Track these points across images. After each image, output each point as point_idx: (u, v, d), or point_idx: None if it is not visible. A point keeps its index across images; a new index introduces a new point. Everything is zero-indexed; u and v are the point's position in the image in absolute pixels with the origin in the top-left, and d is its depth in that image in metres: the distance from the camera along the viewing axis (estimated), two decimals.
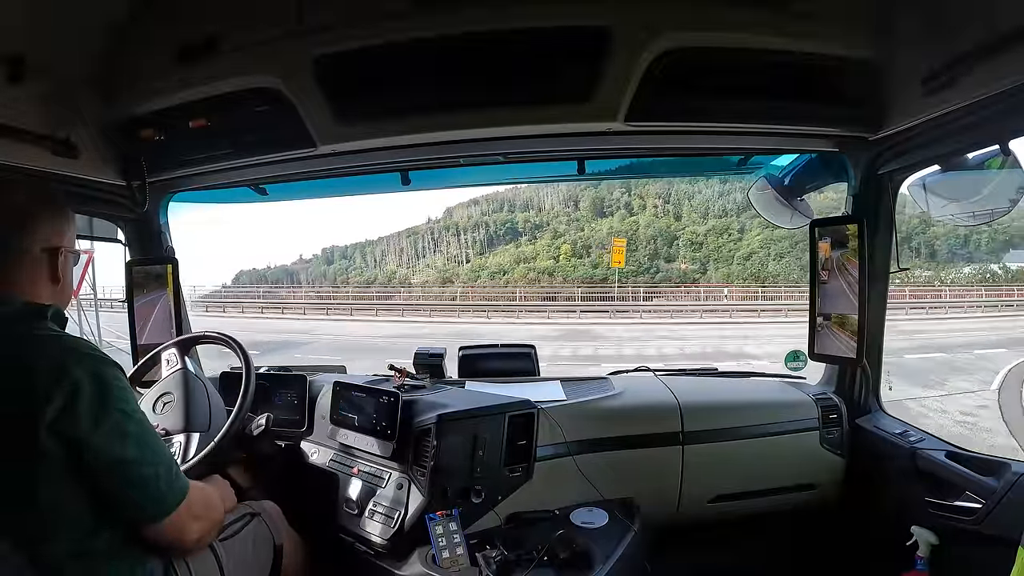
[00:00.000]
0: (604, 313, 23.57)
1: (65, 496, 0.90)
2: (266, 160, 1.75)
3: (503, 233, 40.91)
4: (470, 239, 41.37)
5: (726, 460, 1.78)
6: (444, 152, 1.72)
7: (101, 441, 0.89)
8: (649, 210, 38.65)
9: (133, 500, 0.94)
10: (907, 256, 26.87)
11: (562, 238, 38.51)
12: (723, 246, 34.94)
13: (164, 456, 1.00)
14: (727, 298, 26.63)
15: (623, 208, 39.23)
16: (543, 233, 39.74)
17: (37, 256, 1.02)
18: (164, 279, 2.07)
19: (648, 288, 30.88)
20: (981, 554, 1.36)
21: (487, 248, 40.74)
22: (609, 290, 28.73)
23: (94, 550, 0.93)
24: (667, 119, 1.52)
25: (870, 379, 1.85)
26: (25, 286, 0.99)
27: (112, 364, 0.96)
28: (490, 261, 39.12)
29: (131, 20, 1.51)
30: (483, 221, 41.71)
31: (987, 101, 1.20)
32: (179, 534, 1.01)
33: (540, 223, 40.70)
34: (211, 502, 1.12)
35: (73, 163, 1.56)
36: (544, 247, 38.17)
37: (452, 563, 1.35)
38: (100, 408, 0.90)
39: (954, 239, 29.75)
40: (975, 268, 28.78)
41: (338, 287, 37.27)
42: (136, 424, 0.96)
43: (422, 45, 1.39)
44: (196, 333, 1.80)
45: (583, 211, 40.34)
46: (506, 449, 1.57)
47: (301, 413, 1.84)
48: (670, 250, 35.91)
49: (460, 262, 40.74)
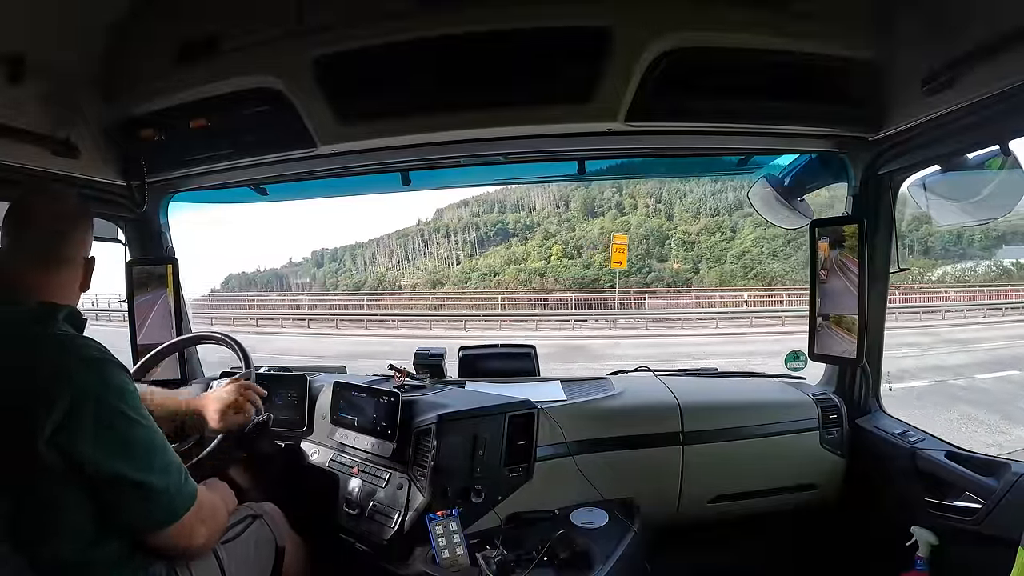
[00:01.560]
0: (603, 321, 20.34)
1: (66, 504, 0.89)
2: (266, 160, 1.75)
3: (493, 234, 40.61)
4: (460, 240, 41.05)
5: (726, 460, 1.78)
6: (444, 152, 1.72)
7: (101, 454, 0.88)
8: (640, 210, 38.28)
9: (141, 508, 0.93)
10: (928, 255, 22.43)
11: (553, 239, 38.12)
12: (715, 245, 34.43)
13: (173, 461, 0.99)
14: (747, 303, 22.72)
15: (614, 208, 38.86)
16: (534, 234, 39.36)
17: (79, 264, 1.05)
18: (164, 279, 2.07)
19: (650, 291, 29.27)
20: (981, 554, 1.36)
21: (478, 249, 40.39)
22: (607, 295, 26.82)
23: (96, 557, 0.92)
24: (667, 119, 1.51)
25: (870, 379, 1.85)
26: (57, 291, 1.00)
27: (120, 367, 0.96)
28: (480, 263, 38.74)
29: (131, 20, 1.51)
30: (473, 222, 41.40)
31: (987, 101, 1.20)
32: (187, 539, 1.01)
33: (531, 224, 40.37)
34: (216, 505, 1.12)
35: (73, 163, 1.56)
36: (535, 248, 37.79)
37: (452, 563, 1.35)
38: (102, 418, 0.89)
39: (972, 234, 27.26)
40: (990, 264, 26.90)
41: (327, 291, 37.08)
42: (143, 430, 0.95)
43: (423, 45, 1.39)
44: (196, 333, 1.80)
45: (574, 211, 39.95)
46: (506, 449, 1.57)
47: (301, 413, 1.84)
48: (662, 249, 35.38)
49: (450, 264, 40.45)
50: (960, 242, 28.10)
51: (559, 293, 28.32)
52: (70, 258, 1.03)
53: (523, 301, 27.27)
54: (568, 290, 29.31)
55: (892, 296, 15.74)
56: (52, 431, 0.85)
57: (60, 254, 1.02)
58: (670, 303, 24.75)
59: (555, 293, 28.70)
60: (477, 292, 31.40)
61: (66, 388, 0.87)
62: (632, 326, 19.74)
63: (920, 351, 11.42)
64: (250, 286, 41.82)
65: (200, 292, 29.58)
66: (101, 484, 0.89)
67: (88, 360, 0.92)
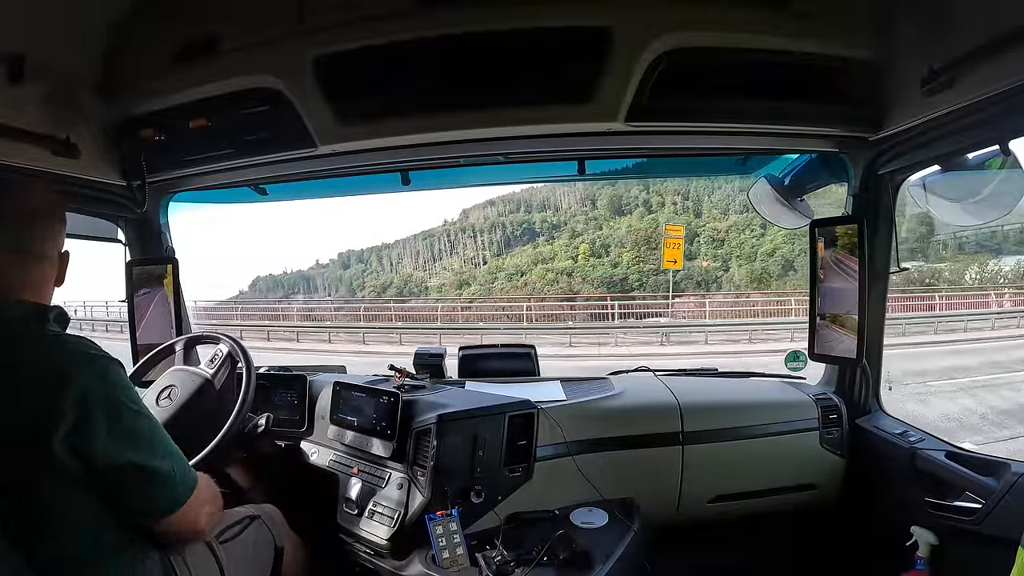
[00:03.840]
0: (652, 333, 16.29)
1: (72, 500, 0.89)
2: (266, 160, 1.75)
3: (520, 234, 40.53)
4: (487, 240, 41.01)
5: (726, 460, 1.78)
6: (444, 152, 1.72)
7: (115, 448, 0.89)
8: (668, 207, 37.80)
9: (148, 497, 0.95)
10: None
11: (580, 237, 37.89)
12: (745, 242, 33.68)
13: (173, 448, 1.01)
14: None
15: (641, 206, 38.39)
16: (561, 233, 39.10)
17: (53, 259, 1.03)
18: (164, 279, 2.07)
19: (709, 295, 26.13)
20: (981, 554, 1.36)
21: (504, 249, 40.34)
22: (656, 299, 22.80)
23: (96, 550, 0.93)
24: (667, 119, 1.51)
25: (870, 379, 1.85)
26: (34, 289, 0.99)
27: (117, 363, 0.96)
28: (507, 262, 38.61)
29: (131, 20, 1.51)
30: (500, 222, 41.31)
31: (987, 101, 1.20)
32: (192, 523, 1.03)
33: (557, 223, 40.12)
34: (214, 489, 1.14)
35: (73, 163, 1.56)
36: (562, 247, 37.56)
37: (452, 563, 1.35)
38: (112, 414, 0.90)
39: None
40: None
41: (354, 292, 36.74)
42: (146, 420, 0.96)
43: (423, 45, 1.39)
44: (196, 333, 1.80)
45: (601, 210, 39.58)
46: (506, 449, 1.57)
47: (301, 413, 1.84)
48: (690, 247, 34.68)
49: (477, 264, 40.39)
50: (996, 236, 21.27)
51: (598, 300, 24.97)
52: (43, 252, 1.01)
53: (554, 308, 24.25)
54: (608, 293, 27.19)
55: (932, 301, 13.93)
56: (66, 432, 0.85)
57: (35, 248, 1.00)
58: (731, 308, 20.74)
59: (589, 296, 26.29)
60: (503, 292, 30.74)
61: (71, 388, 0.87)
62: (687, 338, 15.76)
63: (969, 379, 8.56)
64: (277, 288, 41.72)
65: (225, 294, 28.18)
66: (112, 476, 0.90)
67: (87, 358, 0.92)
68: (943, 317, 14.93)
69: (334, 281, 43.67)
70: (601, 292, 28.08)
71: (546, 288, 31.63)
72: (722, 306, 22.29)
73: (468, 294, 33.15)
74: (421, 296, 34.84)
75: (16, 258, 0.98)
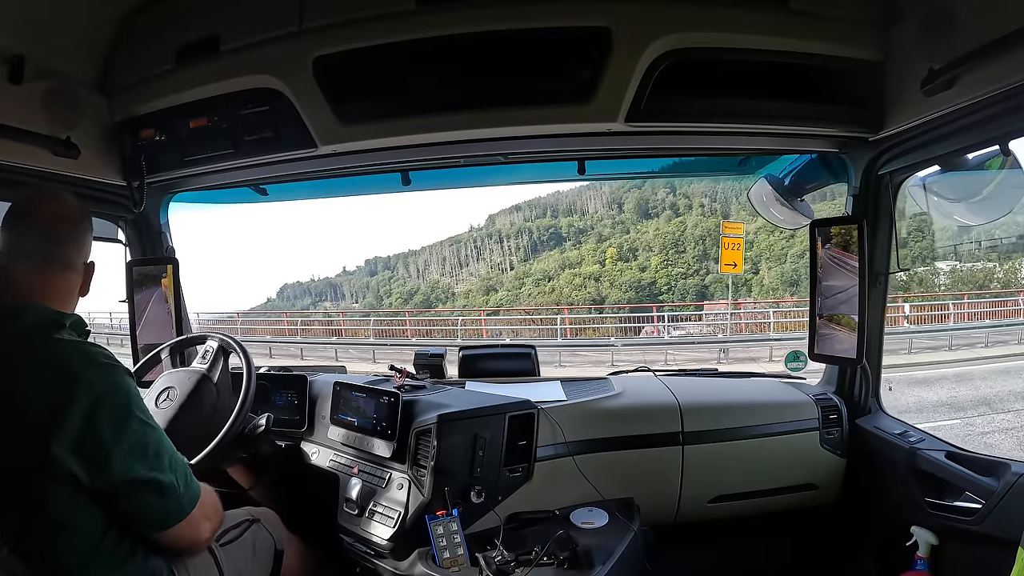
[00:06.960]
0: (707, 349, 13.68)
1: (76, 509, 0.89)
2: (266, 160, 1.74)
3: (547, 239, 40.42)
4: (513, 245, 40.95)
5: (726, 460, 1.78)
6: (445, 153, 1.72)
7: (121, 459, 0.89)
8: (696, 210, 37.50)
9: (155, 507, 0.95)
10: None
11: (607, 241, 37.72)
12: (775, 244, 33.13)
13: (179, 460, 1.00)
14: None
15: (668, 208, 38.25)
16: (587, 237, 38.97)
17: (79, 269, 1.04)
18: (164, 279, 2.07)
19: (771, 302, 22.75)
20: (981, 554, 1.36)
21: (531, 254, 40.25)
22: (710, 305, 19.50)
23: (99, 560, 0.92)
24: (667, 119, 1.51)
25: (870, 379, 1.85)
26: (58, 298, 0.99)
27: (127, 372, 0.96)
28: (535, 267, 38.47)
29: (132, 20, 1.52)
30: (526, 227, 41.15)
31: (987, 101, 1.20)
32: (195, 533, 1.03)
33: (584, 227, 39.94)
34: (215, 499, 1.14)
35: (73, 163, 1.56)
36: (589, 251, 37.39)
37: (452, 563, 1.35)
38: (120, 424, 0.90)
39: None
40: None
41: (380, 299, 36.34)
42: (153, 431, 0.96)
43: (423, 45, 1.39)
44: (196, 333, 1.80)
45: (627, 213, 39.49)
46: (506, 449, 1.57)
47: (301, 413, 1.84)
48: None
49: (504, 269, 40.27)
50: None
51: (642, 311, 21.62)
52: (70, 262, 1.03)
53: (585, 319, 21.89)
54: (653, 304, 24.92)
55: (962, 311, 12.80)
56: (71, 439, 0.85)
57: (60, 257, 1.01)
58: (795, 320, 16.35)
59: (635, 306, 23.02)
60: (531, 299, 30.01)
61: (83, 395, 0.87)
62: (746, 352, 13.52)
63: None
64: (304, 295, 41.34)
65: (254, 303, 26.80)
66: (118, 487, 0.90)
67: (100, 366, 0.92)
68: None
69: (361, 288, 43.55)
70: (629, 297, 27.06)
71: (574, 293, 31.10)
72: (787, 316, 18.10)
73: (495, 300, 32.77)
74: (446, 307, 34.29)
75: (42, 268, 0.99)
